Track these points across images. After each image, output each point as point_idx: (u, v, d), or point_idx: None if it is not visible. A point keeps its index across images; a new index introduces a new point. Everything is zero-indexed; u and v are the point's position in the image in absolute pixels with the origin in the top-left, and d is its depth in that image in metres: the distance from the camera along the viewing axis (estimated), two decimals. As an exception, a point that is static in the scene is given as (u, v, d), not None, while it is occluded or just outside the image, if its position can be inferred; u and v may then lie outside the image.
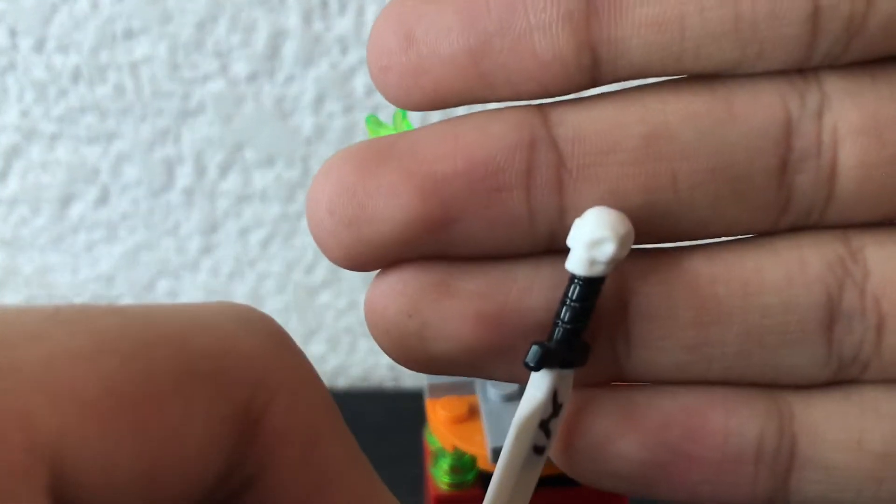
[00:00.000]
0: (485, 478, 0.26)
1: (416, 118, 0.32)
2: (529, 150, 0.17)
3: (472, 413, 0.26)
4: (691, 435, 0.18)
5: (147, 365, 0.14)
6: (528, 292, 0.17)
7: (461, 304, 0.17)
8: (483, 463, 0.25)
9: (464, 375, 0.18)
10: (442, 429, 0.26)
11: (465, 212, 0.17)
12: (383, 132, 0.22)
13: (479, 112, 0.17)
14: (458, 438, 0.25)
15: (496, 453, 0.24)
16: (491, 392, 0.25)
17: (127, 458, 0.13)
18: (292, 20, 0.41)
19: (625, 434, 0.18)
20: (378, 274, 0.17)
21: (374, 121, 0.22)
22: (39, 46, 0.42)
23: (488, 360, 0.18)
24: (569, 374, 0.17)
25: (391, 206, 0.16)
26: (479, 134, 0.17)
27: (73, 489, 0.13)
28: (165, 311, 0.15)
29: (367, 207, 0.17)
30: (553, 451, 0.18)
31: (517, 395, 0.25)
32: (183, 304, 0.15)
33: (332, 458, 0.15)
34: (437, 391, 0.26)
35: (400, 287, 0.17)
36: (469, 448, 0.25)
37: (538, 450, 0.17)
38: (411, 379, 0.48)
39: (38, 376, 0.13)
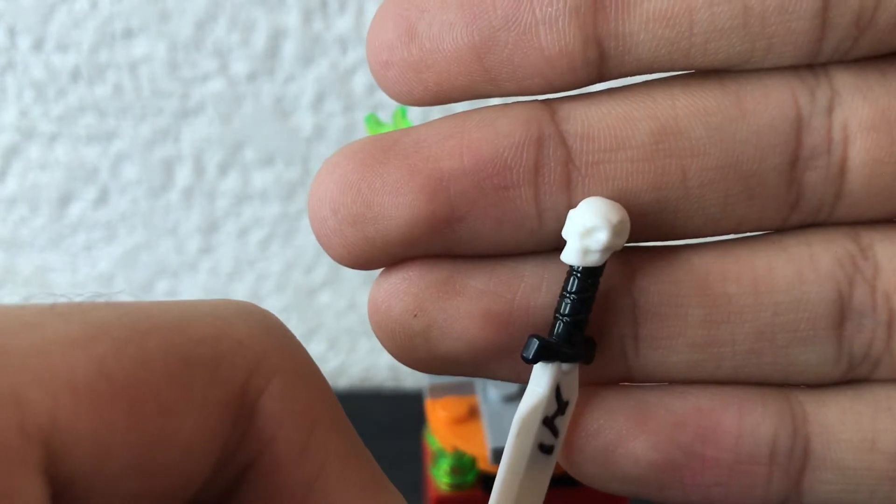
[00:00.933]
0: (485, 478, 0.26)
1: (416, 117, 0.32)
2: (537, 147, 0.16)
3: (473, 414, 0.26)
4: (704, 436, 0.17)
5: (141, 350, 0.14)
6: (536, 290, 0.17)
7: (468, 302, 0.17)
8: (483, 464, 0.25)
9: (469, 376, 0.18)
10: (442, 429, 0.25)
11: (472, 210, 0.16)
12: (383, 131, 0.22)
13: (486, 108, 0.17)
14: (459, 439, 0.25)
15: (497, 454, 0.24)
16: (491, 392, 0.25)
17: (121, 440, 0.13)
18: (292, 19, 0.41)
19: (636, 436, 0.17)
20: (382, 273, 0.17)
21: (373, 120, 0.22)
22: (38, 46, 0.42)
23: (494, 359, 0.17)
24: (572, 369, 0.17)
25: (396, 204, 0.16)
26: (486, 130, 0.16)
27: (68, 469, 0.13)
28: (161, 303, 0.15)
29: (371, 206, 0.16)
30: (560, 455, 0.18)
31: (518, 396, 0.25)
32: (180, 300, 0.15)
33: (331, 446, 0.15)
34: (437, 392, 0.26)
35: (405, 286, 0.17)
36: (469, 449, 0.25)
37: (545, 448, 0.17)
38: (411, 379, 0.48)
39: (30, 360, 0.13)
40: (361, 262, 0.17)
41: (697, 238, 0.17)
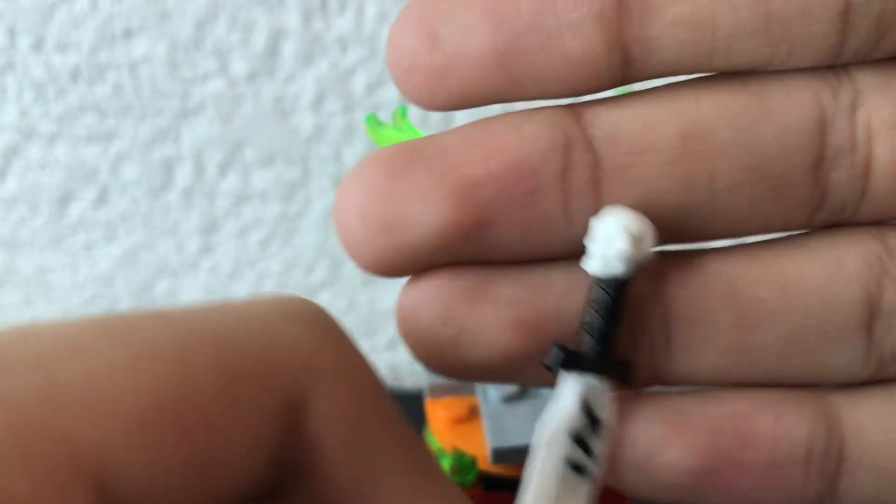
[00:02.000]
0: (485, 478, 0.26)
1: (414, 117, 0.32)
2: (565, 152, 0.16)
3: (473, 413, 0.26)
4: (741, 441, 0.17)
5: (187, 369, 0.14)
6: (566, 296, 0.17)
7: (498, 309, 0.17)
8: (483, 463, 0.25)
9: (498, 382, 0.18)
10: (442, 429, 0.25)
11: (501, 216, 0.16)
12: (383, 131, 0.22)
13: (511, 113, 0.17)
14: (459, 439, 0.25)
15: (497, 454, 0.24)
16: (491, 393, 0.25)
17: (172, 466, 0.13)
18: (292, 19, 0.41)
19: (674, 443, 0.17)
20: (409, 280, 0.17)
21: (373, 120, 0.22)
22: (38, 46, 0.42)
23: (525, 366, 0.17)
24: (603, 385, 0.17)
25: (424, 211, 0.16)
26: (513, 136, 0.16)
27: (118, 500, 0.13)
28: (206, 311, 0.15)
29: (399, 213, 0.16)
30: None
31: (518, 396, 0.25)
32: (227, 301, 0.15)
33: (383, 445, 0.15)
34: (437, 392, 0.26)
35: (434, 294, 0.17)
36: (469, 449, 0.25)
37: (578, 468, 0.17)
38: (411, 379, 0.48)
39: (78, 393, 0.13)
40: (389, 270, 0.17)
41: (724, 240, 0.18)
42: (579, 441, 0.17)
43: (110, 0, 0.41)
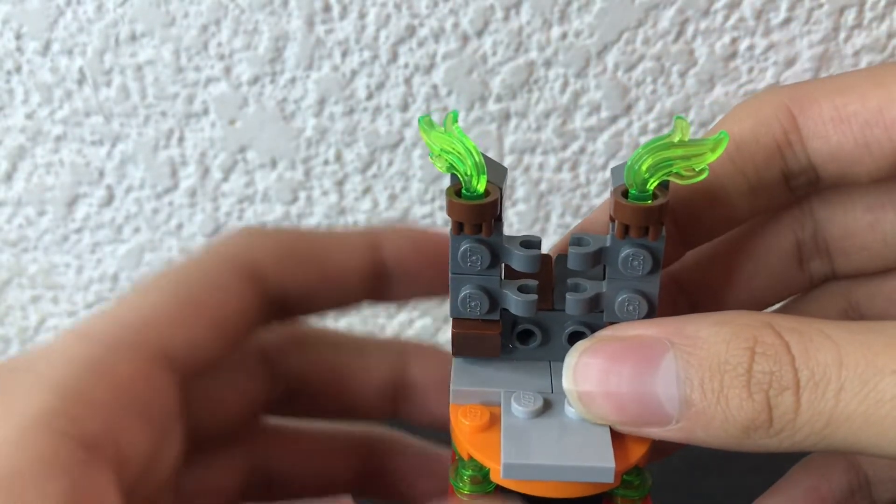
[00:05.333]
0: (502, 491, 0.24)
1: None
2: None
3: (493, 424, 0.24)
4: None
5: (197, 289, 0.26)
6: None
7: None
8: (495, 476, 0.24)
9: None
10: (461, 436, 0.24)
11: None
12: (434, 133, 0.23)
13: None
14: (474, 448, 0.24)
15: (508, 469, 0.23)
16: (515, 407, 0.24)
17: (205, 333, 0.26)
18: (294, 24, 0.42)
19: None
20: None
21: (426, 121, 0.23)
22: (45, 49, 0.43)
23: None
24: None
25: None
26: None
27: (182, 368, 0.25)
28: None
29: None
30: None
31: (541, 412, 0.24)
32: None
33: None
34: (460, 397, 0.25)
35: None
36: (483, 459, 0.24)
37: None
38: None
39: (154, 312, 0.25)
40: None
41: None
42: None
43: (116, 4, 0.42)
